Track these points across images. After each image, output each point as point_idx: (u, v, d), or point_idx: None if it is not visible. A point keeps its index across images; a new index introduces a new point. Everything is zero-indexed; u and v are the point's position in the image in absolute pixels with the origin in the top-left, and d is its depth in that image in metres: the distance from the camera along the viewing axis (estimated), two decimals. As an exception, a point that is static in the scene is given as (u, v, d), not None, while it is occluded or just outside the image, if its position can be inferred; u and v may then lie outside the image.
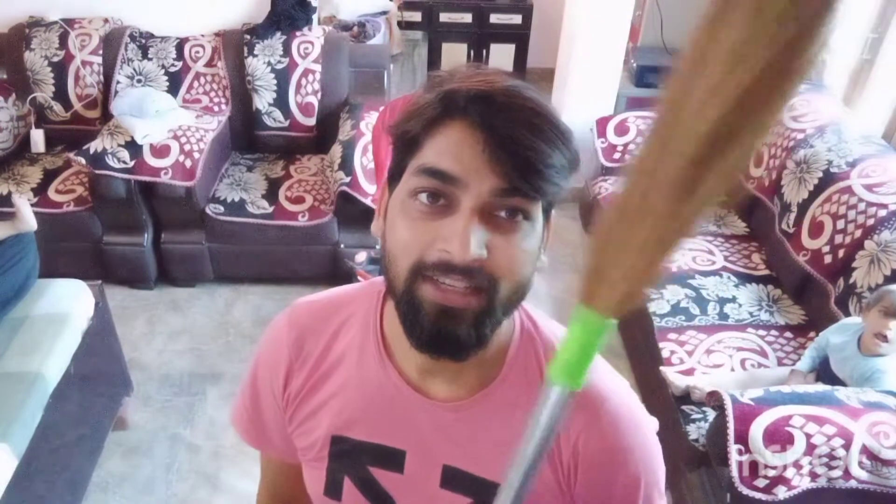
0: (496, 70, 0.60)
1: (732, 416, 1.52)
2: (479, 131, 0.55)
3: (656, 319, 2.19)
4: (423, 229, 0.57)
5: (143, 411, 2.29)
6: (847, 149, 2.26)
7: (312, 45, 2.93)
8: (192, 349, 2.56)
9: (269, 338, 0.77)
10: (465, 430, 0.67)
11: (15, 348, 1.79)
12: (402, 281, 0.58)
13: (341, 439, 0.72)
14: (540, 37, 4.39)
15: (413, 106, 0.60)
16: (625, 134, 2.95)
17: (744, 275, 2.40)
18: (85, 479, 1.96)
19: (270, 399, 0.77)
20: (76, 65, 2.91)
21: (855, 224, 2.06)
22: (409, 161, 0.59)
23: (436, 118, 0.58)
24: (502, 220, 0.57)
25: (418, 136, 0.58)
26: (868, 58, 2.58)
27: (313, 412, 0.73)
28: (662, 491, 0.71)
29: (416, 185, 0.58)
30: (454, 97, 0.57)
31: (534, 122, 0.56)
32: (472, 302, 0.57)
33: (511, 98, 0.56)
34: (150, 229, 2.71)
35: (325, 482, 0.74)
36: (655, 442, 0.70)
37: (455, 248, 0.55)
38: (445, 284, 0.56)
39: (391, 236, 0.60)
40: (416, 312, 0.58)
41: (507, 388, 0.67)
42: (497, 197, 0.56)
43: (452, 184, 0.56)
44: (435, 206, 0.57)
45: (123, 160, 2.51)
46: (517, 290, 0.59)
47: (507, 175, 0.55)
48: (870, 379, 1.70)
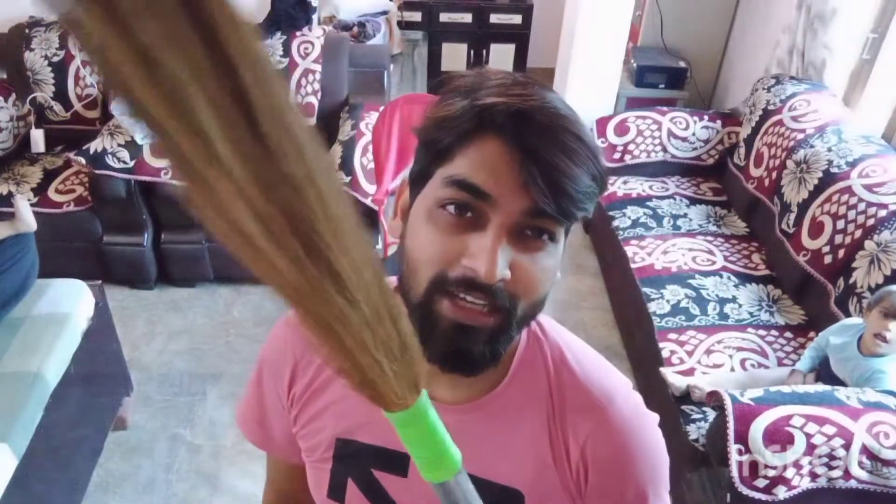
0: (530, 80, 0.59)
1: (732, 416, 1.52)
2: (517, 151, 0.54)
3: (656, 320, 2.19)
4: (449, 242, 0.56)
5: (143, 411, 2.29)
6: (847, 149, 2.26)
7: (312, 45, 2.93)
8: (192, 349, 2.56)
9: (274, 338, 0.77)
10: (470, 432, 0.66)
11: (15, 348, 1.79)
12: (421, 291, 0.58)
13: (346, 442, 0.71)
14: (540, 37, 4.40)
15: (444, 112, 0.58)
16: (625, 134, 2.95)
17: (744, 275, 2.40)
18: (85, 479, 1.96)
19: (275, 400, 0.77)
20: (76, 65, 2.91)
21: (855, 224, 2.06)
22: (438, 169, 0.58)
23: (471, 130, 0.56)
24: (528, 238, 0.56)
25: (451, 146, 0.57)
26: (868, 58, 2.58)
27: (318, 414, 0.73)
28: (668, 484, 0.71)
29: (447, 195, 0.56)
30: (492, 112, 0.55)
31: (571, 147, 0.55)
32: (490, 321, 0.57)
33: (550, 118, 0.55)
34: (150, 229, 2.71)
35: (328, 484, 0.74)
36: (660, 438, 0.70)
37: (482, 268, 0.54)
38: (465, 302, 0.56)
39: (413, 243, 0.59)
40: (432, 326, 0.57)
41: (513, 391, 0.67)
42: (527, 217, 0.55)
43: (484, 200, 0.55)
44: (462, 217, 0.56)
45: (123, 160, 2.51)
46: (534, 307, 0.60)
47: (540, 197, 0.54)
48: (870, 379, 1.70)
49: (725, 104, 3.49)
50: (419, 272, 0.58)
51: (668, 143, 2.96)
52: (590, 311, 2.76)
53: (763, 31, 3.19)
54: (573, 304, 2.81)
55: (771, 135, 2.59)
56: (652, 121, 2.96)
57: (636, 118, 2.97)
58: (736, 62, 3.50)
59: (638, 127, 2.95)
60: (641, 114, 2.99)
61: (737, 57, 3.49)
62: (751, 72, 3.18)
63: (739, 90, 3.30)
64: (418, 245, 0.58)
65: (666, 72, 3.43)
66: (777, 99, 2.64)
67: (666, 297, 2.27)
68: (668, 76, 3.43)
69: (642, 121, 2.96)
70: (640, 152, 2.97)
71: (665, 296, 2.28)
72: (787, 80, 2.71)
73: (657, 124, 2.95)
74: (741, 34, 3.45)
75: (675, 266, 2.41)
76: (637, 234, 2.62)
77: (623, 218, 2.71)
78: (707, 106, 3.66)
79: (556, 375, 0.67)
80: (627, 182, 2.94)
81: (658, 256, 2.47)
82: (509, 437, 0.67)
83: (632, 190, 2.89)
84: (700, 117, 2.99)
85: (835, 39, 2.60)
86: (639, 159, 2.98)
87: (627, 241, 2.59)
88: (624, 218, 2.71)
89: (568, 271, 3.01)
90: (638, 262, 2.46)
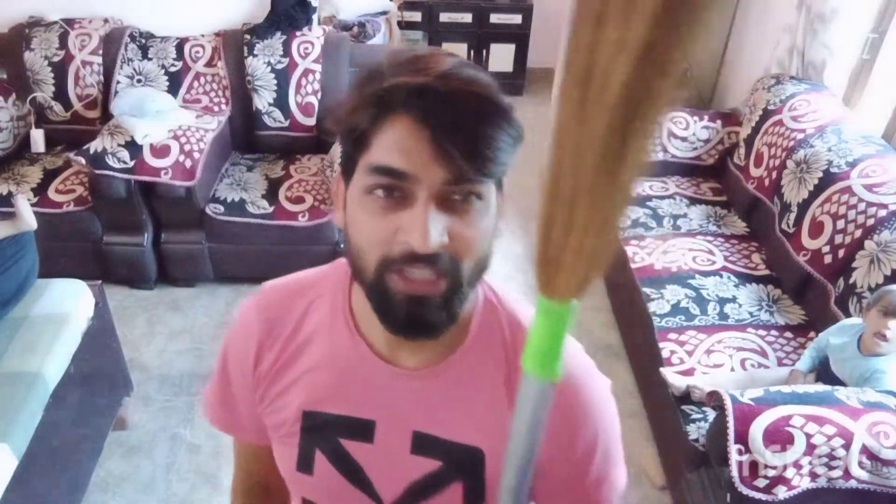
0: (431, 51, 0.61)
1: (732, 416, 1.52)
2: (425, 125, 0.56)
3: (656, 319, 2.19)
4: (384, 223, 0.59)
5: (143, 411, 2.29)
6: (847, 149, 2.26)
7: (312, 45, 2.93)
8: (192, 349, 2.56)
9: (239, 321, 0.79)
10: (433, 396, 0.70)
11: (15, 348, 1.79)
12: (371, 273, 0.61)
13: (313, 414, 0.74)
14: (540, 37, 4.39)
15: (354, 101, 0.61)
16: (625, 134, 2.94)
17: (744, 275, 2.40)
18: (85, 479, 1.96)
19: (241, 381, 0.78)
20: (76, 65, 2.91)
21: (855, 224, 2.06)
22: (360, 157, 0.61)
23: (378, 115, 0.59)
24: (457, 203, 0.59)
25: (365, 133, 0.60)
26: (868, 58, 2.58)
27: (285, 390, 0.75)
28: (620, 449, 0.73)
29: (371, 182, 0.59)
30: (395, 92, 0.57)
31: (476, 108, 0.57)
32: (440, 287, 0.60)
33: (450, 85, 0.57)
34: (150, 229, 2.71)
35: (297, 457, 0.75)
36: (611, 399, 0.73)
37: (416, 240, 0.57)
38: (412, 275, 0.59)
39: (354, 230, 0.62)
40: (388, 302, 0.61)
41: (473, 355, 0.70)
42: (449, 185, 0.58)
43: (405, 179, 0.58)
44: (391, 198, 0.59)
45: (123, 160, 2.51)
46: (479, 265, 0.63)
47: (455, 165, 0.56)
48: (870, 379, 1.70)
49: (725, 104, 3.49)
50: (365, 256, 0.61)
51: (668, 143, 2.96)
52: (590, 311, 2.76)
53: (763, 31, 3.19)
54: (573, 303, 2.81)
55: (771, 135, 2.59)
56: (652, 121, 2.95)
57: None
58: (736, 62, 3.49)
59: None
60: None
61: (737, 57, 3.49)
62: (751, 72, 3.18)
63: (739, 90, 3.30)
64: (358, 231, 0.62)
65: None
66: (777, 99, 2.64)
67: (666, 297, 2.27)
68: (667, 76, 3.42)
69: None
70: (640, 152, 2.97)
71: (665, 296, 2.28)
72: (787, 80, 2.71)
73: (657, 124, 2.95)
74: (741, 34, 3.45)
75: (675, 266, 2.41)
76: (637, 233, 2.62)
77: (623, 218, 2.71)
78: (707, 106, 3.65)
79: (511, 338, 0.71)
80: (627, 182, 2.94)
81: (658, 256, 2.47)
82: (470, 398, 0.70)
83: (632, 190, 2.88)
84: (700, 117, 2.99)
85: (835, 39, 2.60)
86: (639, 159, 2.98)
87: (627, 240, 2.59)
88: (624, 218, 2.71)
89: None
90: (638, 262, 2.46)
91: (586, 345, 2.32)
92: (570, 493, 0.73)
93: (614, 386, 0.74)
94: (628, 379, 2.39)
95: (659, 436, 2.14)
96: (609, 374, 0.74)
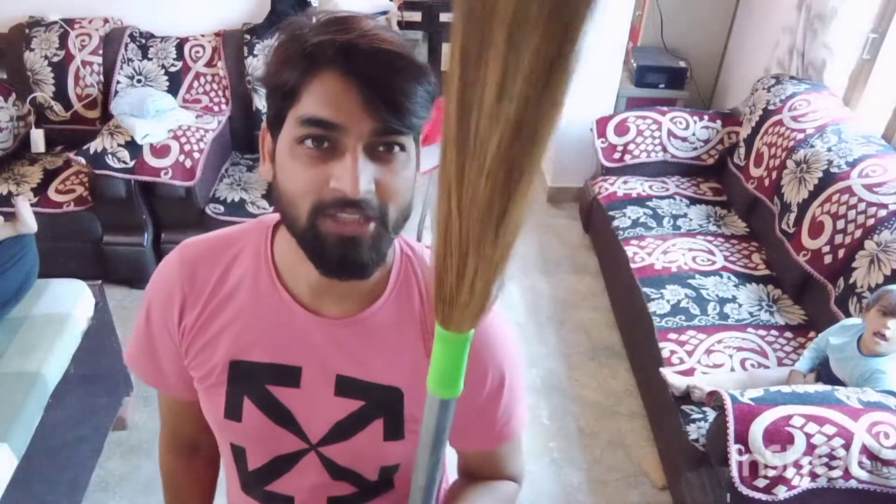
0: (351, 14, 0.66)
1: (732, 416, 1.52)
2: (352, 79, 0.61)
3: (656, 319, 2.19)
4: (315, 172, 0.63)
5: (143, 411, 2.29)
6: (847, 149, 2.26)
7: (312, 45, 2.93)
8: (192, 349, 2.55)
9: (160, 277, 0.80)
10: (356, 342, 0.75)
11: (15, 348, 1.79)
12: (304, 219, 0.65)
13: (239, 363, 0.76)
14: (540, 37, 4.39)
15: (282, 56, 0.64)
16: (625, 134, 2.95)
17: (744, 275, 2.40)
18: (85, 479, 1.95)
19: (165, 335, 0.80)
20: (76, 65, 2.91)
21: (855, 224, 2.06)
22: (289, 111, 0.65)
23: (307, 70, 0.63)
24: (382, 153, 0.64)
25: (295, 87, 0.63)
26: (868, 58, 2.58)
27: (210, 341, 0.77)
28: (524, 387, 0.81)
29: (302, 133, 0.63)
30: (322, 48, 0.62)
31: (397, 65, 0.62)
32: (368, 228, 0.64)
33: (372, 43, 0.62)
34: (150, 229, 2.71)
35: (224, 406, 0.78)
36: (515, 340, 0.81)
37: (348, 187, 0.61)
38: (343, 218, 0.63)
39: (285, 180, 0.66)
40: (321, 246, 0.65)
41: (392, 304, 0.75)
42: (376, 136, 0.62)
43: (334, 130, 0.62)
44: (321, 149, 0.63)
45: (123, 160, 2.51)
46: (403, 211, 0.67)
47: (381, 116, 0.61)
48: (870, 379, 1.70)
49: (725, 104, 3.49)
50: (297, 204, 0.65)
51: (668, 143, 2.96)
52: (590, 311, 2.76)
53: (763, 31, 3.19)
54: (573, 304, 2.81)
55: (771, 135, 2.59)
56: (652, 121, 2.96)
57: (636, 118, 2.97)
58: (736, 62, 3.50)
59: (638, 127, 2.95)
60: (641, 114, 2.99)
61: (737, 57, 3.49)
62: (751, 72, 3.18)
63: (739, 90, 3.30)
64: (290, 181, 0.65)
65: (666, 72, 3.42)
66: (777, 99, 2.64)
67: (666, 297, 2.27)
68: (668, 76, 3.43)
69: (642, 121, 2.96)
70: (640, 152, 2.97)
71: (665, 296, 2.28)
72: (787, 80, 2.71)
73: (657, 124, 2.95)
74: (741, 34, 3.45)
75: (675, 266, 2.41)
76: (637, 233, 2.62)
77: (623, 218, 2.71)
78: (707, 106, 3.66)
79: (426, 288, 0.77)
80: (627, 182, 2.94)
81: (658, 256, 2.47)
82: (389, 344, 0.75)
83: (632, 190, 2.89)
84: (700, 117, 2.99)
85: (835, 39, 2.60)
86: (639, 159, 2.98)
87: (627, 240, 2.59)
88: (624, 218, 2.71)
89: (568, 271, 3.01)
90: (638, 262, 2.46)
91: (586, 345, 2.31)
92: (480, 430, 0.80)
93: (615, 386, 0.75)
94: (628, 379, 2.38)
95: (659, 436, 2.14)
96: (609, 374, 0.75)
